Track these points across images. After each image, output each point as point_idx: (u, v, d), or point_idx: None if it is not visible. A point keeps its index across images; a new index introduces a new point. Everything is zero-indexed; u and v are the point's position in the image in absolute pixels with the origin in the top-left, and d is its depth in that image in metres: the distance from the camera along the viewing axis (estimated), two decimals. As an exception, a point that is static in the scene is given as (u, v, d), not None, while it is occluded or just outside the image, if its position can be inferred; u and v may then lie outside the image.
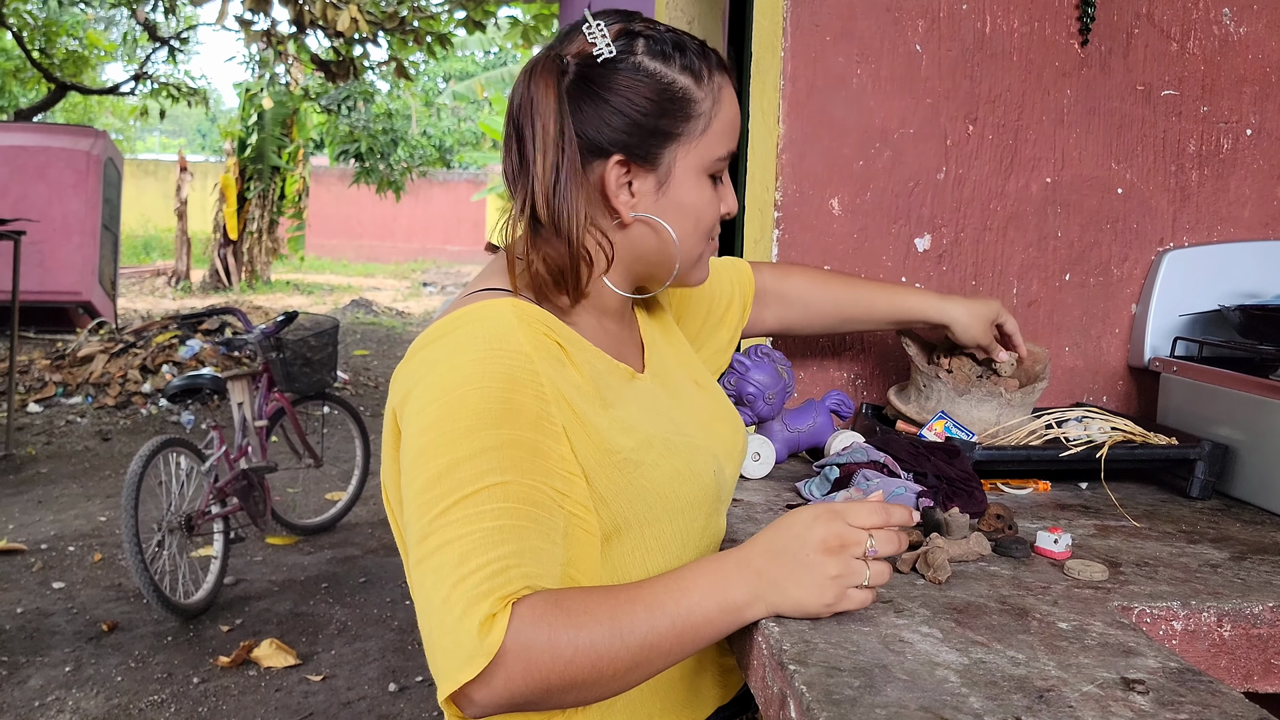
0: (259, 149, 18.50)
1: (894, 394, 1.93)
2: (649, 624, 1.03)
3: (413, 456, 1.08)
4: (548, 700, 1.03)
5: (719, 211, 1.31)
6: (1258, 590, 1.32)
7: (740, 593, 1.08)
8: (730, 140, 1.28)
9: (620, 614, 1.03)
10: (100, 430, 8.39)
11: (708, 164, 1.26)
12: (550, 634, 0.99)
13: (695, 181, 1.26)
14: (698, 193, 1.27)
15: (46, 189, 12.15)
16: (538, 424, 1.10)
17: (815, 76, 2.02)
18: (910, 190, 2.07)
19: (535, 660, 0.99)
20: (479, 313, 1.15)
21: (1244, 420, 1.77)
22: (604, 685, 1.04)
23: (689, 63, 1.24)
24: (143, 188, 25.15)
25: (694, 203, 1.27)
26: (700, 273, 1.35)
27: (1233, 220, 2.15)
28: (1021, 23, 2.06)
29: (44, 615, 4.71)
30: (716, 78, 1.26)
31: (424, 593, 1.02)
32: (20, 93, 20.48)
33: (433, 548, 1.02)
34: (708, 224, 1.29)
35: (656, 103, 1.21)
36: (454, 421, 1.07)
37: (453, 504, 1.03)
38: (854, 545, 1.09)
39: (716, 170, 1.28)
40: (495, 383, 1.09)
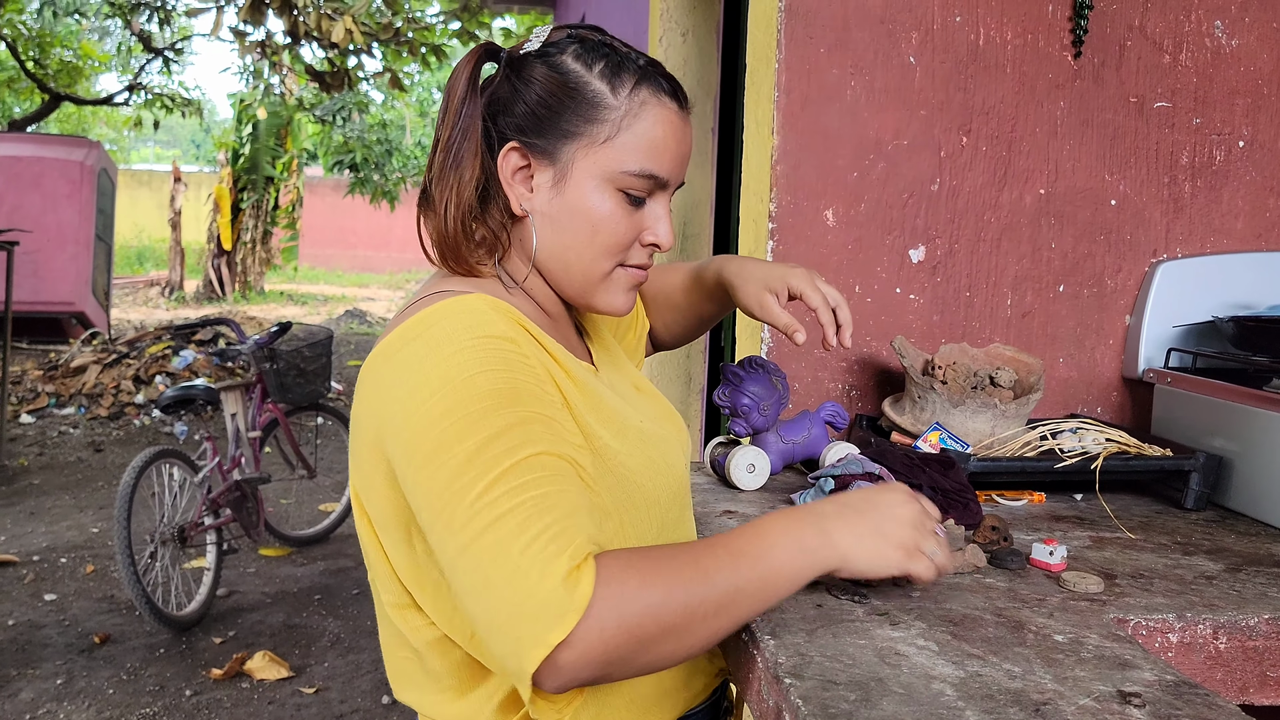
0: (253, 159, 18.48)
1: (889, 405, 1.93)
2: (734, 568, 1.04)
3: (429, 451, 1.05)
4: (642, 654, 0.99)
5: (632, 233, 1.25)
6: (1253, 602, 1.32)
7: (815, 537, 1.09)
8: (648, 160, 1.23)
9: (704, 560, 1.03)
10: (93, 441, 8.37)
11: (611, 174, 1.22)
12: (642, 581, 0.98)
13: (596, 188, 1.22)
14: (597, 201, 1.23)
15: (40, 199, 12.14)
16: (543, 401, 1.11)
17: (809, 88, 2.03)
18: (904, 201, 2.07)
19: (629, 609, 0.97)
20: (452, 308, 1.14)
21: (1238, 431, 1.77)
22: (694, 631, 1.02)
23: (610, 71, 1.23)
24: (137, 198, 25.13)
25: (590, 210, 1.23)
26: (610, 298, 1.29)
27: (1226, 232, 2.15)
28: (1014, 35, 2.07)
29: (35, 627, 4.69)
30: (643, 94, 1.23)
31: (482, 572, 0.98)
32: (14, 103, 20.46)
33: (483, 526, 0.99)
34: (610, 240, 1.24)
35: (560, 97, 1.22)
36: (468, 407, 1.06)
37: (493, 481, 1.01)
38: (929, 521, 1.15)
39: (629, 186, 1.22)
40: (496, 366, 1.09)
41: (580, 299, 1.29)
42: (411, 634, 1.21)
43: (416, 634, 1.21)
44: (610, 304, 1.30)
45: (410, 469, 1.07)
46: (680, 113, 1.26)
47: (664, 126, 1.24)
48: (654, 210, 1.27)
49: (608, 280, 1.28)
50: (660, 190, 1.26)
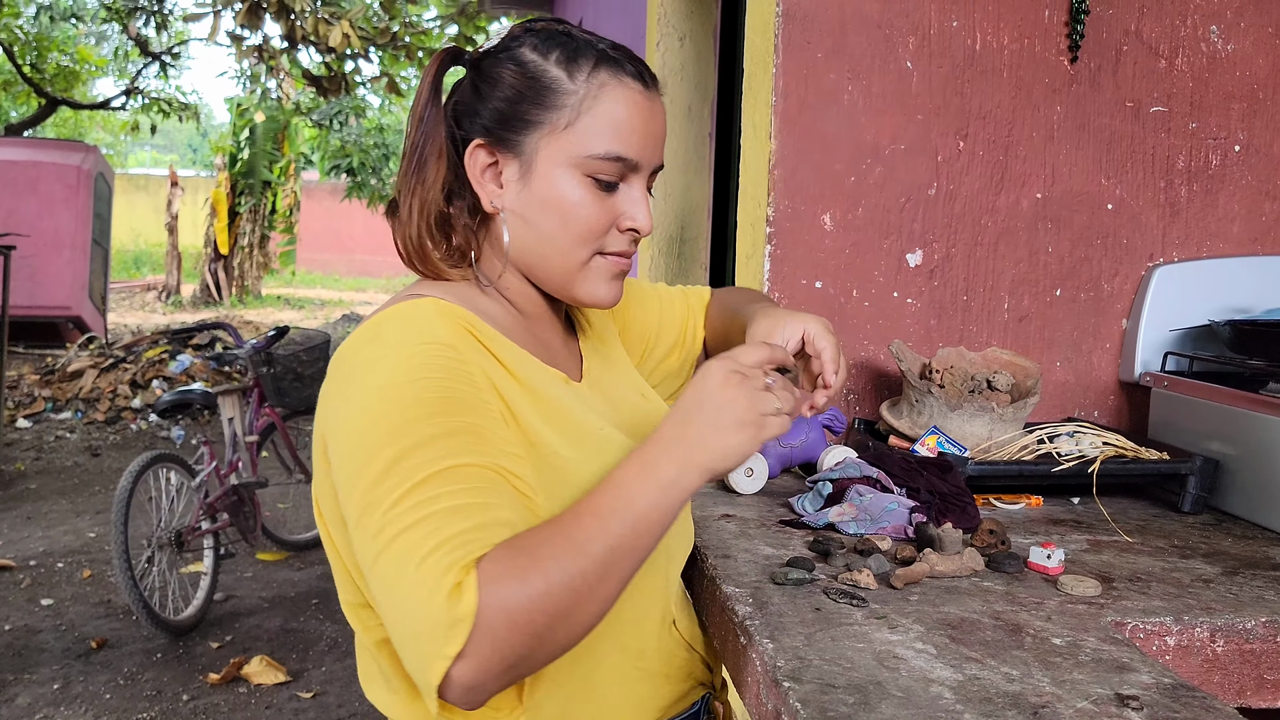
0: (250, 164, 18.49)
1: (886, 409, 1.94)
2: (604, 530, 1.01)
3: (353, 458, 1.05)
4: (541, 646, 0.98)
5: (606, 219, 1.24)
6: (1250, 605, 1.32)
7: (670, 468, 1.04)
8: (612, 141, 1.21)
9: (574, 531, 1.00)
10: (90, 446, 8.36)
11: (576, 160, 1.20)
12: (519, 576, 0.95)
13: (562, 176, 1.21)
14: (565, 188, 1.21)
15: (37, 203, 12.14)
16: (477, 410, 1.09)
17: (807, 93, 2.03)
18: (902, 206, 2.08)
19: (514, 608, 0.95)
20: (400, 314, 1.16)
21: (1235, 435, 1.78)
22: (585, 607, 1.00)
23: (567, 57, 1.22)
24: (133, 202, 25.14)
25: (560, 198, 1.21)
26: (592, 288, 1.27)
27: (1222, 236, 2.16)
28: (1011, 40, 2.07)
29: (32, 632, 4.69)
30: (602, 75, 1.21)
31: (386, 586, 0.98)
32: (10, 107, 20.46)
33: (391, 536, 0.98)
34: (583, 228, 1.23)
35: (518, 89, 1.21)
36: (393, 417, 1.05)
37: (406, 492, 1.00)
38: (752, 378, 1.07)
39: (596, 171, 1.21)
40: (431, 374, 1.09)
41: (562, 292, 1.27)
42: (364, 633, 1.22)
43: (369, 633, 1.21)
44: (593, 295, 1.27)
45: (341, 474, 1.07)
46: (645, 92, 1.24)
47: (626, 106, 1.22)
48: (629, 194, 1.25)
49: (586, 270, 1.26)
50: (633, 173, 1.24)
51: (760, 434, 1.06)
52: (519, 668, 0.98)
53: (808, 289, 2.06)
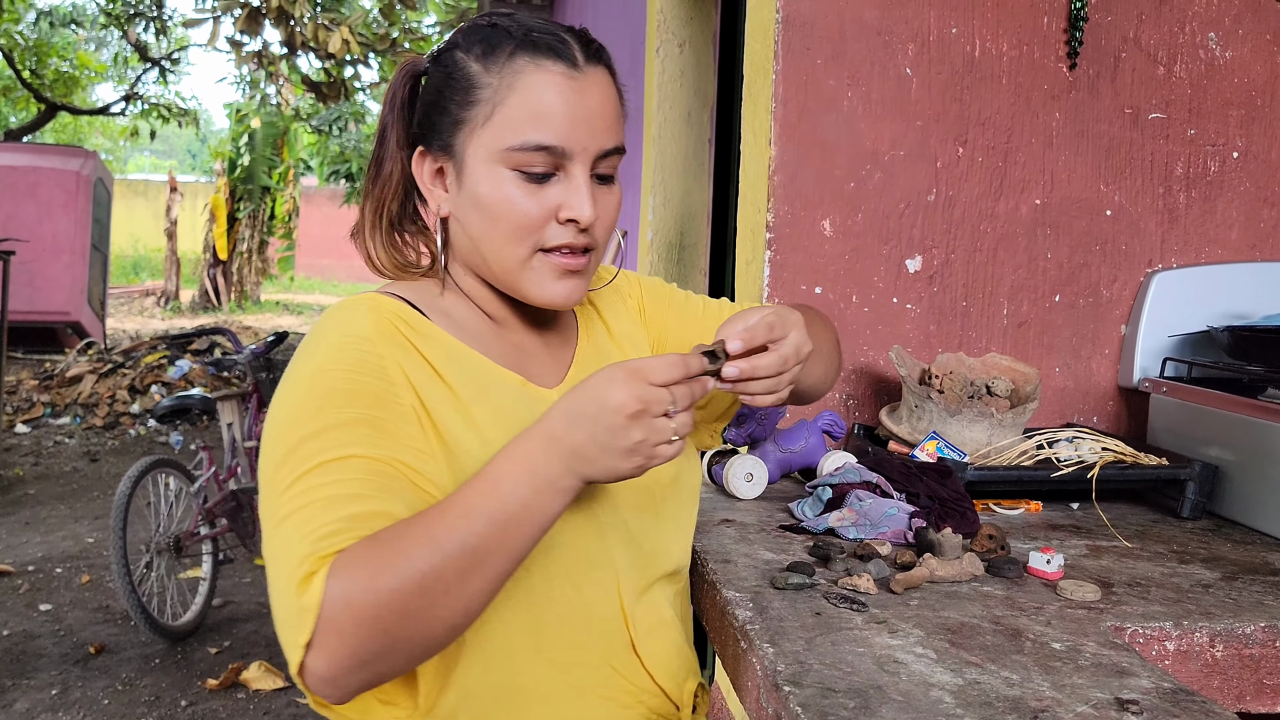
0: (249, 169, 18.50)
1: (886, 414, 1.94)
2: (465, 526, 0.98)
3: (266, 442, 1.08)
4: (395, 644, 0.96)
5: (539, 213, 1.17)
6: (1249, 610, 1.32)
7: (552, 467, 1.01)
8: (531, 130, 1.15)
9: (434, 527, 0.98)
10: (88, 451, 8.35)
11: (497, 153, 1.16)
12: (368, 571, 0.94)
13: (488, 173, 1.17)
14: (491, 184, 1.17)
15: (36, 209, 12.15)
16: (384, 403, 1.10)
17: (806, 99, 2.04)
18: (901, 212, 2.08)
19: (359, 603, 0.93)
20: (338, 307, 1.18)
21: (1234, 441, 1.78)
22: (439, 605, 0.97)
23: (484, 49, 1.18)
24: (132, 208, 25.15)
25: (487, 196, 1.18)
26: (538, 289, 1.21)
27: (1220, 242, 2.16)
28: (1010, 46, 2.08)
29: (31, 638, 4.68)
30: (518, 62, 1.16)
31: (268, 570, 1.00)
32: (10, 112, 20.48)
33: (276, 523, 1.00)
34: (512, 224, 1.18)
35: (442, 90, 1.21)
36: (303, 406, 1.08)
37: (295, 479, 1.02)
38: (656, 405, 1.01)
39: (520, 163, 1.16)
40: (342, 366, 1.10)
41: (514, 292, 1.23)
42: None
43: None
44: (542, 295, 1.21)
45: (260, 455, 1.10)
46: (571, 72, 1.17)
47: (545, 90, 1.16)
48: (566, 183, 1.18)
49: (528, 269, 1.20)
50: (568, 160, 1.17)
51: (649, 465, 1.03)
52: (375, 664, 0.97)
53: (807, 294, 2.06)
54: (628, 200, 4.59)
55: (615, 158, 1.21)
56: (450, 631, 1.00)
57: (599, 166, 1.20)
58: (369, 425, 1.07)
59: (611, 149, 1.20)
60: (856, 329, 2.09)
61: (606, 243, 1.25)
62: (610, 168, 1.22)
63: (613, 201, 1.23)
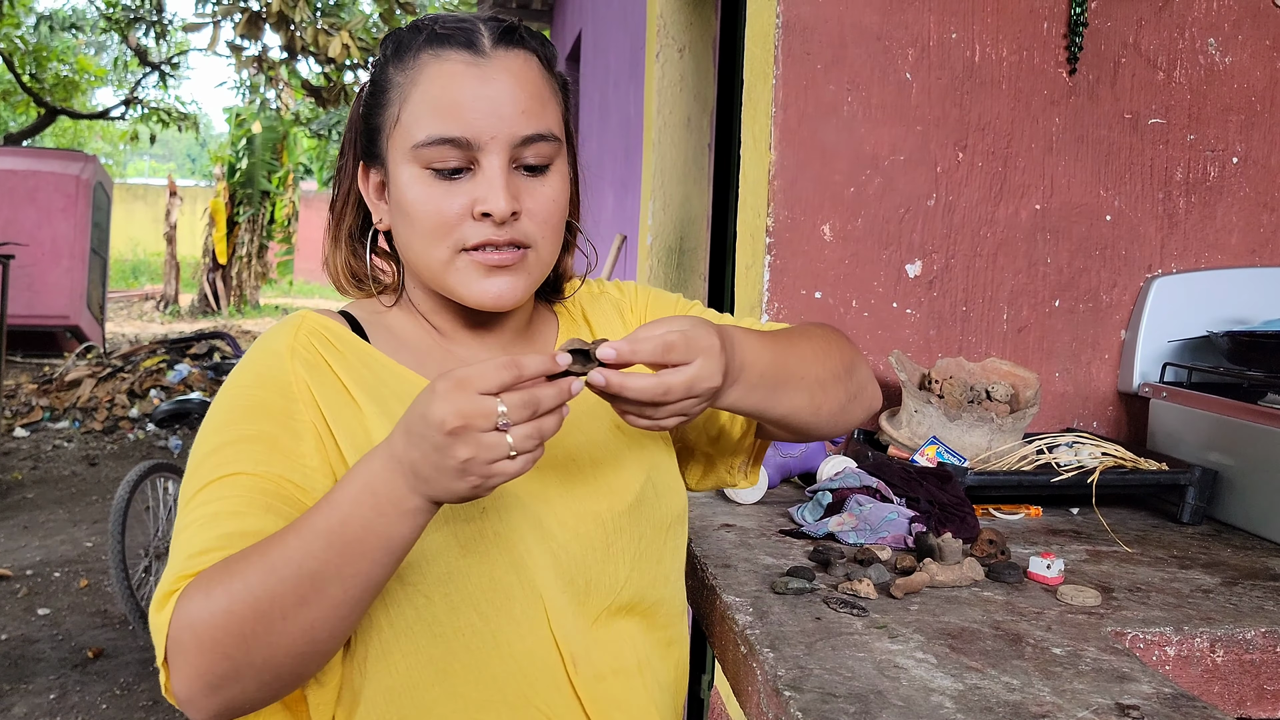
0: (249, 174, 18.50)
1: (886, 419, 1.94)
2: (303, 550, 0.93)
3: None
4: (238, 668, 0.94)
5: (454, 210, 1.11)
6: (1250, 616, 1.32)
7: (394, 487, 0.93)
8: (432, 124, 1.10)
9: (273, 549, 0.94)
10: (87, 455, 8.35)
11: (408, 153, 1.12)
12: (206, 594, 0.93)
13: (403, 174, 1.13)
14: (406, 187, 1.12)
15: (35, 213, 12.15)
16: (280, 420, 1.08)
17: (806, 104, 2.04)
18: (901, 216, 2.08)
19: (199, 626, 0.92)
20: (270, 327, 1.19)
21: (1233, 446, 1.78)
22: (277, 632, 0.93)
23: (395, 50, 1.15)
24: (132, 212, 25.15)
25: (403, 198, 1.13)
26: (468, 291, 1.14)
27: (1220, 247, 2.16)
28: (1010, 52, 2.08)
29: (29, 642, 4.68)
30: (422, 57, 1.12)
31: None
32: (10, 117, 20.49)
33: (174, 537, 1.01)
34: (426, 224, 1.12)
35: (368, 100, 1.18)
36: (210, 422, 1.09)
37: (192, 495, 1.03)
38: (480, 419, 0.90)
39: (429, 161, 1.11)
40: (251, 382, 1.11)
41: (452, 296, 1.16)
42: None
43: None
44: (471, 296, 1.14)
45: None
46: (472, 59, 1.11)
47: (445, 81, 1.11)
48: (480, 176, 1.11)
49: (453, 270, 1.13)
50: (478, 152, 1.10)
51: (487, 484, 0.92)
52: (225, 689, 0.95)
53: (807, 299, 2.06)
54: (627, 205, 4.59)
55: (543, 145, 1.13)
56: (297, 660, 0.96)
57: (523, 156, 1.13)
58: (262, 442, 1.06)
59: (532, 135, 1.12)
60: (856, 334, 2.09)
61: (551, 239, 1.16)
62: (540, 157, 1.14)
63: (548, 193, 1.15)
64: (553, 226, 1.16)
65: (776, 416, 1.19)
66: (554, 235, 1.17)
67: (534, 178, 1.14)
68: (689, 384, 1.00)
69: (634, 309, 1.37)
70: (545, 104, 1.14)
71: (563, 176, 1.17)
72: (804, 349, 1.23)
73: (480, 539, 1.12)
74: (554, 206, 1.15)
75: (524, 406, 0.91)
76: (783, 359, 1.17)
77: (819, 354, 1.24)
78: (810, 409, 1.22)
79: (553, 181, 1.15)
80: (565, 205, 1.18)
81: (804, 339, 1.24)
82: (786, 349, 1.19)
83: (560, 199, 1.16)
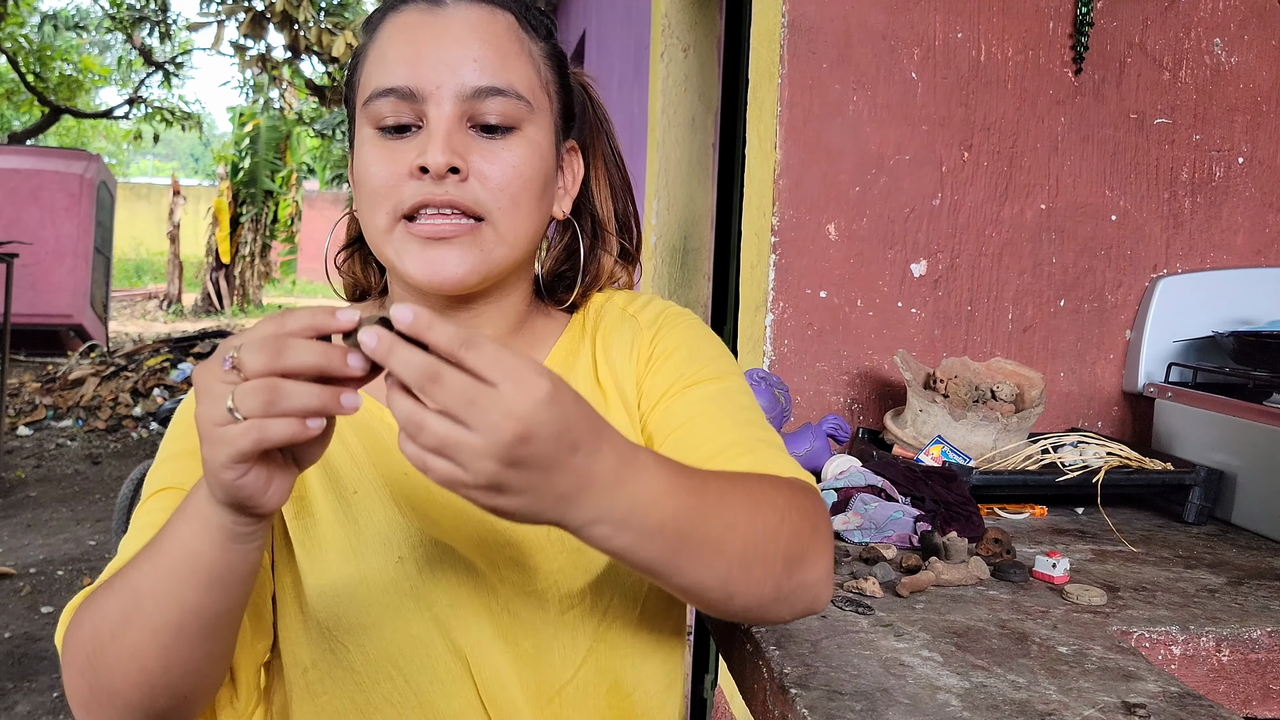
0: (252, 173, 18.54)
1: (890, 419, 1.94)
2: (134, 567, 0.86)
3: None
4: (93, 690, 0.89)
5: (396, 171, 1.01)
6: (1255, 615, 1.32)
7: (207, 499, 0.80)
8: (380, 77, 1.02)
9: (126, 567, 0.88)
10: (90, 454, 8.36)
11: (362, 114, 1.04)
12: (75, 610, 0.92)
13: (359, 139, 1.05)
14: (359, 150, 1.04)
15: (39, 212, 12.17)
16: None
17: (812, 103, 2.04)
18: (906, 216, 2.08)
19: (67, 642, 0.90)
20: None
21: (1239, 446, 1.78)
22: (109, 650, 0.87)
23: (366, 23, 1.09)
24: (135, 211, 25.17)
25: (356, 164, 1.05)
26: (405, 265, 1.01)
27: (1225, 247, 2.16)
28: (1016, 51, 2.08)
29: (32, 640, 4.68)
30: (385, 16, 1.05)
31: None
32: (14, 116, 20.51)
33: None
34: (369, 187, 1.02)
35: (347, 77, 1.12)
36: (172, 427, 1.08)
37: (139, 505, 1.02)
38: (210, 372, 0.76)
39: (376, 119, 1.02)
40: (191, 401, 1.03)
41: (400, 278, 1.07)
42: None
43: None
44: (408, 272, 1.01)
45: None
46: (425, 8, 1.03)
47: (398, 33, 1.03)
48: (425, 131, 1.01)
49: (391, 241, 1.02)
50: (422, 104, 1.01)
51: (218, 451, 0.75)
52: (93, 711, 0.90)
53: (812, 298, 2.06)
54: (631, 205, 4.58)
55: (502, 102, 1.01)
56: (138, 690, 0.87)
57: (480, 114, 1.01)
58: (190, 458, 1.02)
59: (485, 87, 1.00)
60: (861, 333, 2.09)
61: (511, 211, 1.03)
62: (500, 115, 1.01)
63: (508, 157, 1.02)
64: (511, 196, 1.02)
65: (673, 586, 0.88)
66: (514, 208, 1.03)
67: (493, 139, 1.02)
68: (466, 395, 0.70)
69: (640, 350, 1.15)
70: (508, 58, 1.03)
71: (533, 146, 1.04)
72: (737, 509, 0.89)
73: (394, 590, 1.03)
74: (514, 173, 1.02)
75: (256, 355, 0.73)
76: (699, 514, 0.85)
77: (757, 525, 0.90)
78: (720, 591, 0.90)
79: (516, 146, 1.03)
80: (534, 177, 1.04)
81: (744, 495, 0.90)
82: (711, 501, 0.86)
83: (524, 167, 1.03)
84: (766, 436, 1.07)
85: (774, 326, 2.06)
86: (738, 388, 1.11)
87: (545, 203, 1.09)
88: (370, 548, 1.04)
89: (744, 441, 1.05)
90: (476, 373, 0.70)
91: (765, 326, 2.06)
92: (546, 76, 1.08)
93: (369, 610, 1.03)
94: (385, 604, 1.03)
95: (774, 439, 1.08)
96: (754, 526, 0.89)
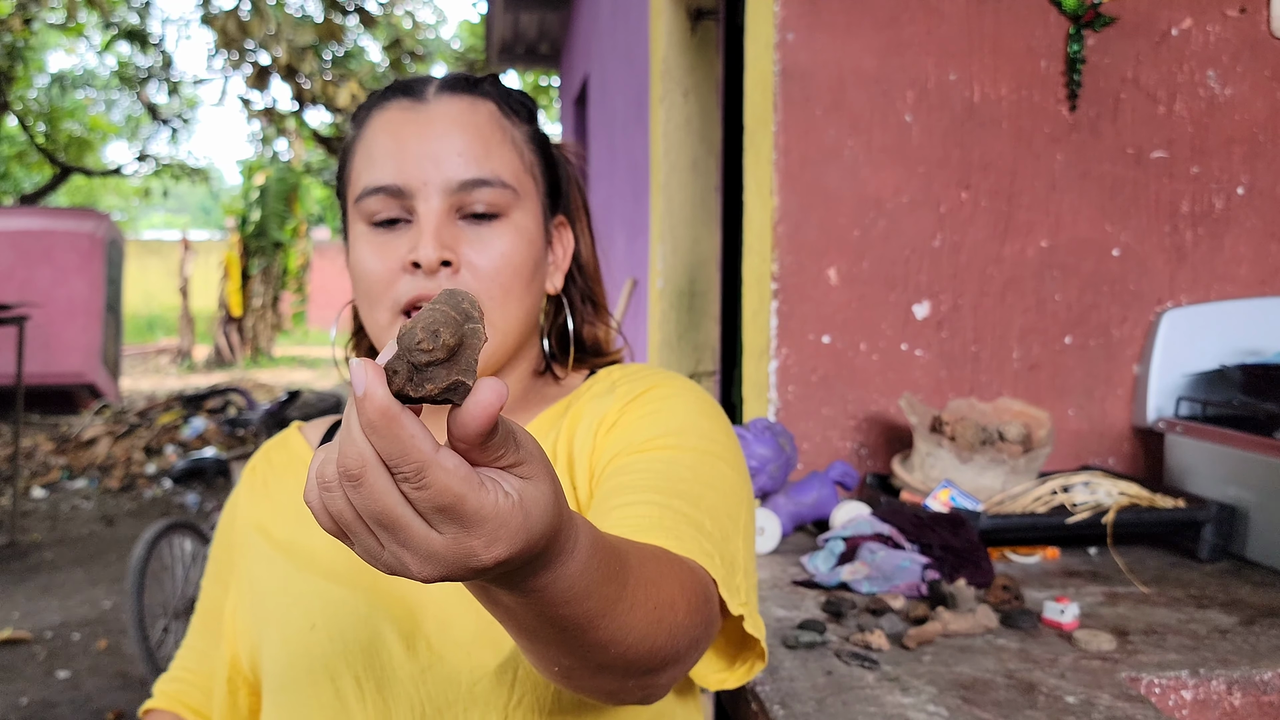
0: (261, 225, 18.64)
1: (898, 463, 1.93)
2: None
3: None
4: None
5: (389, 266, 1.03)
6: (1267, 656, 1.30)
7: None
8: (368, 175, 1.04)
9: None
10: (105, 514, 8.36)
11: (354, 211, 1.06)
12: None
13: (353, 235, 1.07)
14: (353, 246, 1.07)
15: (51, 272, 12.25)
16: (222, 547, 1.22)
17: (808, 149, 2.04)
18: (907, 258, 2.08)
19: None
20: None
21: (1251, 480, 1.76)
22: None
23: (354, 116, 1.11)
24: (146, 266, 25.31)
25: (351, 260, 1.08)
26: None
27: (1230, 278, 2.15)
28: (1010, 90, 2.08)
29: (49, 706, 4.66)
30: (371, 113, 1.08)
31: None
32: (24, 176, 20.70)
33: None
34: (366, 284, 1.04)
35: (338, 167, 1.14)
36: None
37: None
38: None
39: (368, 215, 1.04)
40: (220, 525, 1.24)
41: None
42: None
43: None
44: None
45: None
46: (409, 105, 1.05)
47: (382, 131, 1.05)
48: (415, 226, 1.03)
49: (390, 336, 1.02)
50: (410, 199, 1.03)
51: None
52: None
53: (815, 344, 2.06)
54: (637, 248, 4.60)
55: (489, 191, 1.03)
56: None
57: (466, 203, 1.03)
58: (217, 562, 1.22)
59: (471, 180, 1.02)
60: (866, 377, 2.08)
61: (503, 299, 1.04)
62: (487, 204, 1.03)
63: (497, 245, 1.03)
64: (502, 285, 1.03)
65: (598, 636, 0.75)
66: (505, 296, 1.04)
67: (482, 225, 1.04)
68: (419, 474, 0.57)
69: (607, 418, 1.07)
70: (492, 149, 1.04)
71: (521, 232, 1.05)
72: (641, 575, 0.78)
73: (305, 656, 1.01)
74: (503, 261, 1.03)
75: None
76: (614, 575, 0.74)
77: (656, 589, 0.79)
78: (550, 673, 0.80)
79: (503, 233, 1.04)
80: (524, 264, 1.05)
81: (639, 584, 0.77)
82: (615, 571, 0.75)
83: (513, 254, 1.04)
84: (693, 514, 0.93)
85: (778, 373, 2.05)
86: (693, 461, 0.99)
87: (537, 284, 1.09)
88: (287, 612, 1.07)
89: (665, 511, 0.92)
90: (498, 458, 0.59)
91: (769, 373, 2.05)
92: (530, 159, 1.09)
93: (286, 670, 1.03)
94: (297, 668, 1.02)
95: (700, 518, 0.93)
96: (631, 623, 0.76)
